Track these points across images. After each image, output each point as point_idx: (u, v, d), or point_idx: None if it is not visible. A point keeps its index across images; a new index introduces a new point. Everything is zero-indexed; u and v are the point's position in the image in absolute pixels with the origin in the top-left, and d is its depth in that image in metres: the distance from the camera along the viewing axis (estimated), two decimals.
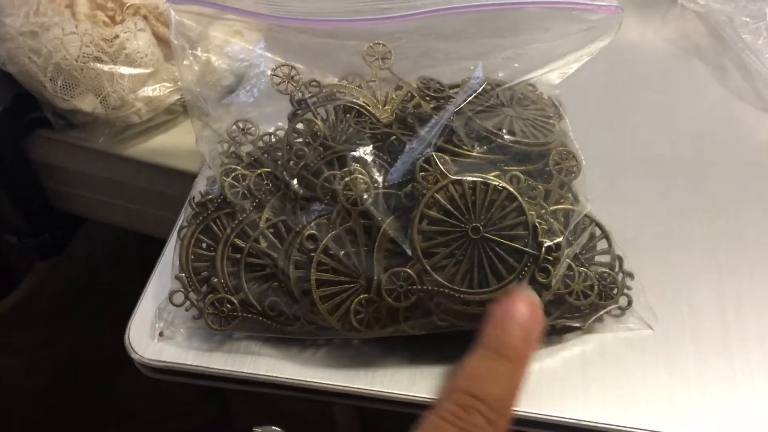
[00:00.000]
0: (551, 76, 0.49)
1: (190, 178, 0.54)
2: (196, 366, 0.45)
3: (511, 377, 0.38)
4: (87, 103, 0.60)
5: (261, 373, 0.44)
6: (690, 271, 0.49)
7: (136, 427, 0.90)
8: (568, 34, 0.48)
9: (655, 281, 0.48)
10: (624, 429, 0.42)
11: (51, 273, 0.81)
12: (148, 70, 0.60)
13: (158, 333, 0.45)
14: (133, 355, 0.45)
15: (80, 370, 0.87)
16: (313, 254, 0.43)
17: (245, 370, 0.44)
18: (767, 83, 0.60)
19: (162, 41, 0.62)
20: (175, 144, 0.62)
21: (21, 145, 0.65)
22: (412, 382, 0.44)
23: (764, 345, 0.45)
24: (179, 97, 0.62)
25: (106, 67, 0.59)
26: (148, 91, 0.61)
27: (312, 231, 0.43)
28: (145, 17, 0.61)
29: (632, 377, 0.44)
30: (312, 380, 0.44)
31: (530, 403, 0.43)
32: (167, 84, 0.62)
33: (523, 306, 0.40)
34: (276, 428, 0.38)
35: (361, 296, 0.43)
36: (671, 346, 0.45)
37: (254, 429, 0.36)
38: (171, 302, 0.45)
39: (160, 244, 0.51)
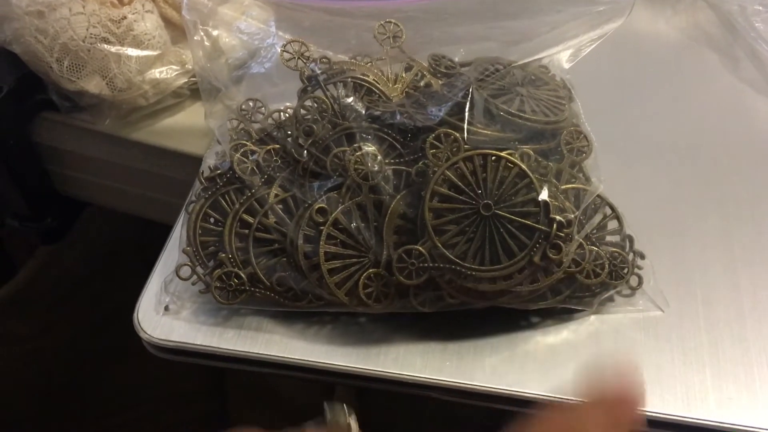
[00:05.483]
0: (563, 57, 0.48)
1: (197, 161, 0.53)
2: (206, 346, 0.44)
3: None
4: (93, 85, 0.59)
5: (272, 353, 0.44)
6: (703, 259, 0.49)
7: (135, 419, 0.89)
8: (580, 15, 0.48)
9: (668, 268, 0.47)
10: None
11: (50, 261, 0.81)
12: (155, 53, 0.60)
13: (164, 307, 0.45)
14: (142, 335, 0.45)
15: (79, 359, 0.86)
16: (322, 227, 0.42)
17: (256, 350, 0.44)
18: None
19: (169, 24, 0.61)
20: (182, 127, 0.62)
21: (25, 128, 0.64)
22: (424, 364, 0.43)
23: None
24: (186, 80, 0.62)
25: (113, 49, 0.58)
26: (156, 73, 0.60)
27: (322, 204, 0.43)
28: None
29: (646, 362, 0.43)
30: (323, 361, 0.43)
31: (543, 385, 0.42)
32: (174, 67, 0.61)
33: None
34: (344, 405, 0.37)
35: (370, 270, 0.42)
36: (685, 333, 0.45)
37: (325, 402, 0.36)
38: (178, 276, 0.44)
39: (162, 231, 0.50)
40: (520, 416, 0.35)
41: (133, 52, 0.59)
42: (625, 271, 0.45)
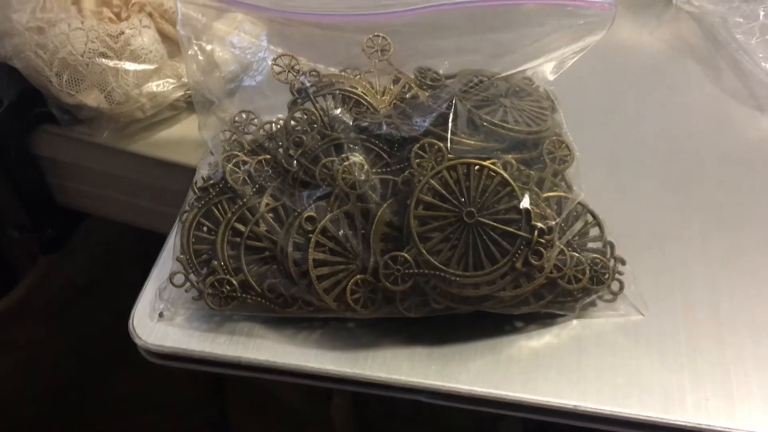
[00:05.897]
0: (546, 69, 0.50)
1: (192, 172, 0.54)
2: (199, 351, 0.45)
3: None
4: (92, 98, 0.61)
5: (263, 358, 0.45)
6: (683, 264, 0.50)
7: (135, 427, 0.90)
8: (562, 28, 0.49)
9: (649, 273, 0.48)
10: (619, 416, 0.43)
11: (50, 270, 0.82)
12: (152, 66, 0.61)
13: (158, 314, 0.46)
14: (137, 341, 0.46)
15: (79, 368, 0.87)
16: (311, 235, 0.43)
17: (247, 355, 0.45)
18: (760, 82, 0.62)
19: (166, 38, 0.63)
20: (178, 139, 0.63)
21: (26, 140, 0.66)
22: (410, 368, 0.44)
23: (756, 337, 0.46)
24: (182, 93, 0.63)
25: (111, 63, 0.60)
26: (152, 86, 0.62)
27: (311, 213, 0.44)
28: (150, 14, 0.62)
29: (627, 365, 0.45)
30: (313, 365, 0.44)
31: (526, 388, 0.43)
32: (171, 80, 0.63)
33: None
34: None
35: (357, 277, 0.43)
36: (665, 336, 0.46)
37: None
38: (171, 283, 0.45)
39: (160, 241, 0.52)
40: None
41: (130, 66, 0.60)
42: (606, 276, 0.46)
